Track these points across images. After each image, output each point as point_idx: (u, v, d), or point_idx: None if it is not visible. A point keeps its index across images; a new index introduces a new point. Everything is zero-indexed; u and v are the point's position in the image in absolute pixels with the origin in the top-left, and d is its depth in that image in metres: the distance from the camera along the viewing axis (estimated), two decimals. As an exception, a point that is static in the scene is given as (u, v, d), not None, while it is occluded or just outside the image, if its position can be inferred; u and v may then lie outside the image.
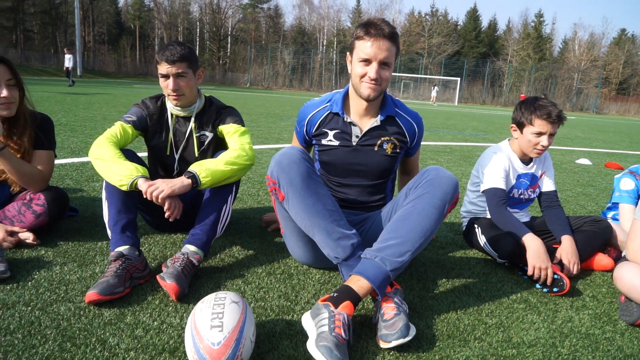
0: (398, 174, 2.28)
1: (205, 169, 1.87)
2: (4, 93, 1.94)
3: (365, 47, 1.79)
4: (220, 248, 2.22)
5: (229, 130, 2.15)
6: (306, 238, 1.85)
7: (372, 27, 1.79)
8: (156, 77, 2.24)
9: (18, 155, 2.04)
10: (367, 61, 1.82)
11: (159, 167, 2.28)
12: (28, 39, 46.74)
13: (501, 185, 2.24)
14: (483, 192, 2.28)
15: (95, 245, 2.14)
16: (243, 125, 2.20)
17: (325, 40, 62.82)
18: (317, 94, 41.39)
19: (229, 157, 1.95)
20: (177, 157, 2.21)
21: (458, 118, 16.37)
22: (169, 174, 2.25)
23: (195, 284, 1.80)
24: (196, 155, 2.22)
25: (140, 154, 2.15)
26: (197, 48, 60.78)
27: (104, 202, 1.89)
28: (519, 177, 2.35)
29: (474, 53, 57.14)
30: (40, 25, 48.81)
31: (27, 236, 2.04)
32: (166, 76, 2.01)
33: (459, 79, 42.41)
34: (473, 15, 62.43)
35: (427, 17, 59.90)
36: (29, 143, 2.06)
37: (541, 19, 58.90)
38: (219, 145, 2.27)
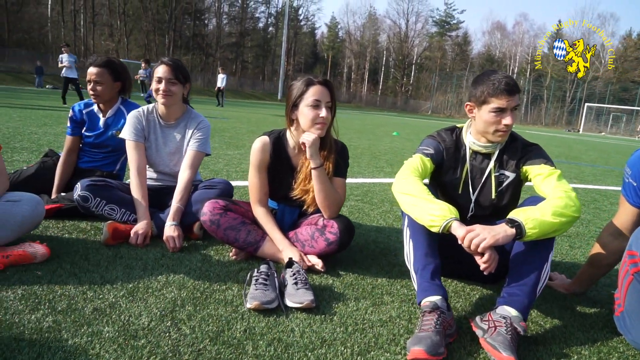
0: None
1: (533, 219, 1.57)
2: (323, 113, 1.98)
3: None
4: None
5: (541, 173, 1.82)
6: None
7: None
8: (342, 102, 2.07)
9: None
10: None
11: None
12: (243, 68, 55.27)
13: None
14: None
15: (375, 280, 2.03)
16: (555, 167, 1.85)
17: (516, 68, 58.53)
18: (505, 124, 38.37)
19: (556, 207, 1.61)
20: (473, 197, 1.97)
21: None
22: (460, 216, 2.02)
23: (513, 356, 1.49)
24: (492, 197, 1.95)
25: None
26: (382, 75, 63.17)
27: (408, 242, 1.75)
28: None
29: None
30: (254, 57, 57.32)
31: (317, 262, 2.05)
32: (503, 110, 1.78)
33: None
34: None
35: (651, 39, 50.58)
36: (331, 168, 2.09)
37: None
38: (517, 187, 1.97)
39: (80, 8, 43.17)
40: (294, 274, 1.78)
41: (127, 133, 2.44)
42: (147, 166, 2.54)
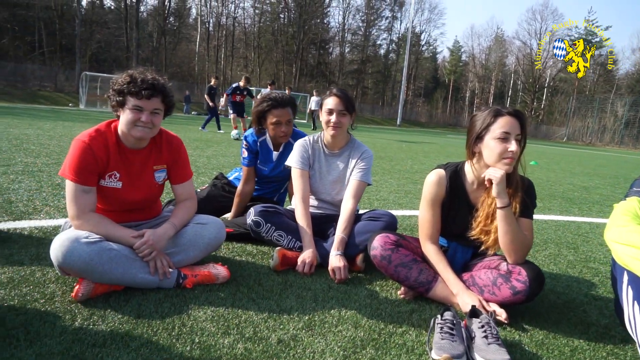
0: None
1: None
2: (513, 147, 1.78)
3: None
4: None
5: None
6: None
7: None
8: (464, 127, 1.71)
9: None
10: None
11: None
12: (363, 93, 56.32)
13: None
14: None
15: (571, 342, 1.73)
16: None
17: (676, 89, 50.24)
18: (663, 154, 32.89)
19: None
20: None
21: None
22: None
23: None
24: None
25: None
26: (509, 100, 59.26)
27: (631, 304, 1.45)
28: None
29: None
30: (374, 83, 58.20)
31: (500, 312, 1.82)
32: None
33: None
34: None
35: None
36: (518, 208, 1.86)
37: None
38: None
39: (222, 43, 48.44)
40: (482, 326, 1.59)
41: (293, 161, 2.50)
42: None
